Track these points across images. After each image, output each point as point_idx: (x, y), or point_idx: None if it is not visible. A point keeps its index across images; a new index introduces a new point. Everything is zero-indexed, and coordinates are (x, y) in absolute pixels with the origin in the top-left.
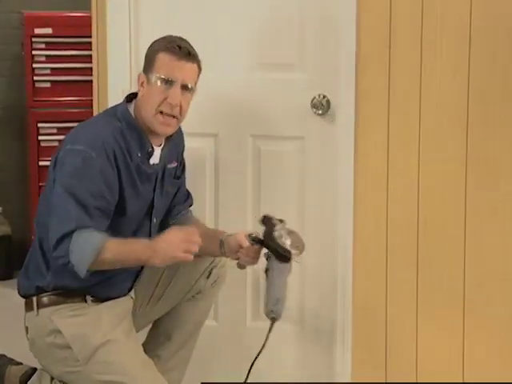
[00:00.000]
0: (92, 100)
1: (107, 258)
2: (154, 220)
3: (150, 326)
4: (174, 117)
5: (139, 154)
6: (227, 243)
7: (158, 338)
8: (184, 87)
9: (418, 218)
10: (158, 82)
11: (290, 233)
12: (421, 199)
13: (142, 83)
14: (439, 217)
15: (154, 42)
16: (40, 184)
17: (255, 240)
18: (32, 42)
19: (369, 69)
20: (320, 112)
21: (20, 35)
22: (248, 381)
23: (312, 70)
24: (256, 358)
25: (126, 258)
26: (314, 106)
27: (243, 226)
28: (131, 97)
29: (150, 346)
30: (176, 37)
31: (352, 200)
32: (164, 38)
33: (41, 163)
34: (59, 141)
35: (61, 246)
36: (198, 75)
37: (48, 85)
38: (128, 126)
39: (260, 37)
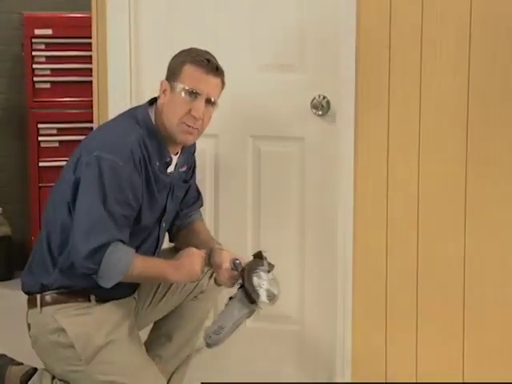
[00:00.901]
0: (92, 101)
1: (133, 275)
2: (163, 224)
3: (151, 325)
4: (194, 128)
5: (157, 164)
6: (213, 256)
7: (159, 339)
8: (208, 101)
9: (418, 217)
10: (183, 93)
11: (272, 281)
12: (421, 199)
13: (165, 91)
14: (439, 216)
15: (181, 52)
16: (40, 185)
17: (236, 267)
18: (32, 43)
19: (369, 69)
20: (320, 113)
21: (20, 36)
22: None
23: (312, 70)
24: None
25: (150, 275)
26: (314, 106)
27: (243, 227)
28: (152, 101)
29: (152, 346)
30: (203, 50)
31: (352, 200)
32: (191, 50)
33: (41, 164)
34: (59, 141)
35: (93, 259)
36: (222, 90)
37: (48, 85)
38: (148, 133)
39: (260, 37)
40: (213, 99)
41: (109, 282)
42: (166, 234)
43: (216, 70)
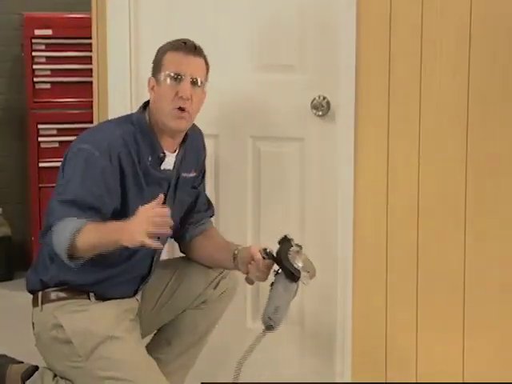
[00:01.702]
0: (92, 101)
1: (82, 242)
2: None
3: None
4: (185, 110)
5: (150, 158)
6: (240, 255)
7: (159, 342)
8: (193, 82)
9: (418, 217)
10: (168, 80)
11: (305, 259)
12: (421, 199)
13: (153, 87)
14: (439, 217)
15: (161, 46)
16: (40, 185)
17: (268, 254)
18: (32, 44)
19: (369, 69)
20: (320, 113)
21: (20, 36)
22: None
23: (312, 71)
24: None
25: (98, 240)
26: (314, 107)
27: (243, 227)
28: (145, 105)
29: (152, 349)
30: (181, 38)
31: (352, 200)
32: (169, 41)
33: (41, 164)
34: (59, 142)
35: (44, 238)
36: (207, 71)
37: (48, 86)
38: (141, 129)
39: (260, 38)
40: (199, 80)
41: (63, 253)
42: (176, 245)
43: (194, 49)
